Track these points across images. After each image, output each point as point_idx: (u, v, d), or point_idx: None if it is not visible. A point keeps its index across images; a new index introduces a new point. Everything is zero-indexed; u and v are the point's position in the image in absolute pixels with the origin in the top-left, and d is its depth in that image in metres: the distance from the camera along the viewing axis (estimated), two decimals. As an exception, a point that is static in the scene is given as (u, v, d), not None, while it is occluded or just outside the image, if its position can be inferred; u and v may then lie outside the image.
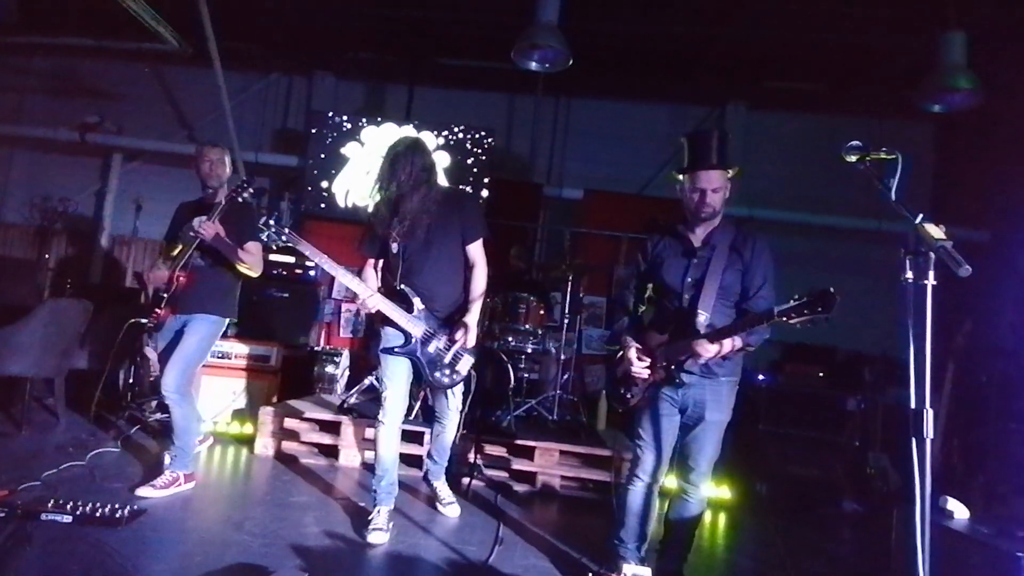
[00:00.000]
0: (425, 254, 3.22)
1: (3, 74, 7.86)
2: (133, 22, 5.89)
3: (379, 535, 3.10)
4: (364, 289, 3.19)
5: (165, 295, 3.48)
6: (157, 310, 3.49)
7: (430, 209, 3.19)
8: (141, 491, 3.33)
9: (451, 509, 3.62)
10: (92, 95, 7.93)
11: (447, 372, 3.26)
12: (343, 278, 3.23)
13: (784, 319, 2.19)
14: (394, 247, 3.20)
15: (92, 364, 5.17)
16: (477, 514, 3.64)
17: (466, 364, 3.28)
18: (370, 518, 3.19)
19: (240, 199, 3.61)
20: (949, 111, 5.74)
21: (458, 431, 3.71)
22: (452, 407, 3.50)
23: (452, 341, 3.20)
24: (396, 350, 3.23)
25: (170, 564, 2.65)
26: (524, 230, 7.32)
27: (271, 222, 3.26)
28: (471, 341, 3.24)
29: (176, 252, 3.59)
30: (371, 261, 3.35)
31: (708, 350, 2.42)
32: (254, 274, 3.72)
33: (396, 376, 3.26)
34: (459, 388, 3.43)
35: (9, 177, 8.15)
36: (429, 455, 3.72)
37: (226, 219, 3.54)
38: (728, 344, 2.43)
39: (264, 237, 3.28)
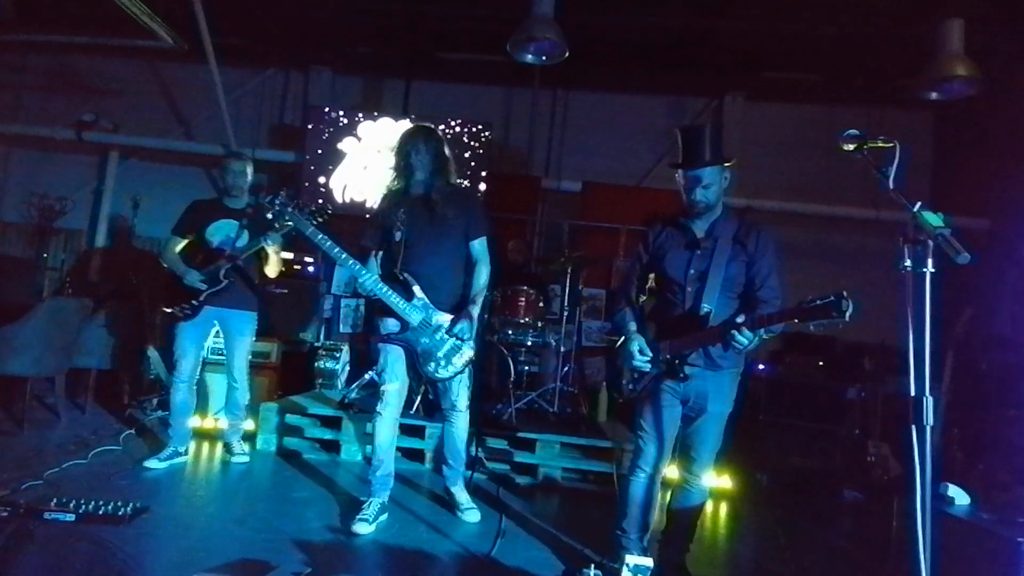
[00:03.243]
0: (428, 244, 3.21)
1: (-2, 72, 7.84)
2: (128, 19, 5.86)
3: (363, 526, 3.10)
4: (361, 270, 3.14)
5: (205, 288, 3.89)
6: (194, 301, 3.90)
7: (442, 199, 3.21)
8: (237, 458, 4.16)
9: (471, 515, 3.45)
10: (88, 93, 7.90)
11: (443, 364, 3.19)
12: (340, 258, 3.19)
13: (805, 319, 2.14)
14: (397, 235, 3.17)
15: (102, 363, 5.17)
16: (479, 507, 3.64)
17: (463, 358, 3.21)
18: (362, 508, 3.22)
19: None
20: (947, 100, 5.73)
21: (470, 431, 3.58)
22: (460, 406, 3.41)
23: (449, 333, 3.18)
24: (392, 337, 3.22)
25: (172, 561, 2.66)
26: (522, 223, 7.31)
27: (276, 202, 3.33)
28: (469, 335, 3.19)
29: (209, 252, 3.98)
30: (373, 252, 3.32)
31: (746, 337, 2.32)
32: (274, 276, 4.21)
33: (394, 366, 3.25)
34: (463, 385, 3.38)
35: (6, 176, 8.13)
36: (445, 461, 3.56)
37: (261, 230, 3.87)
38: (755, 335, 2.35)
39: (269, 215, 3.41)
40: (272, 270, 4.10)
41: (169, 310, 3.94)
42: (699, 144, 2.58)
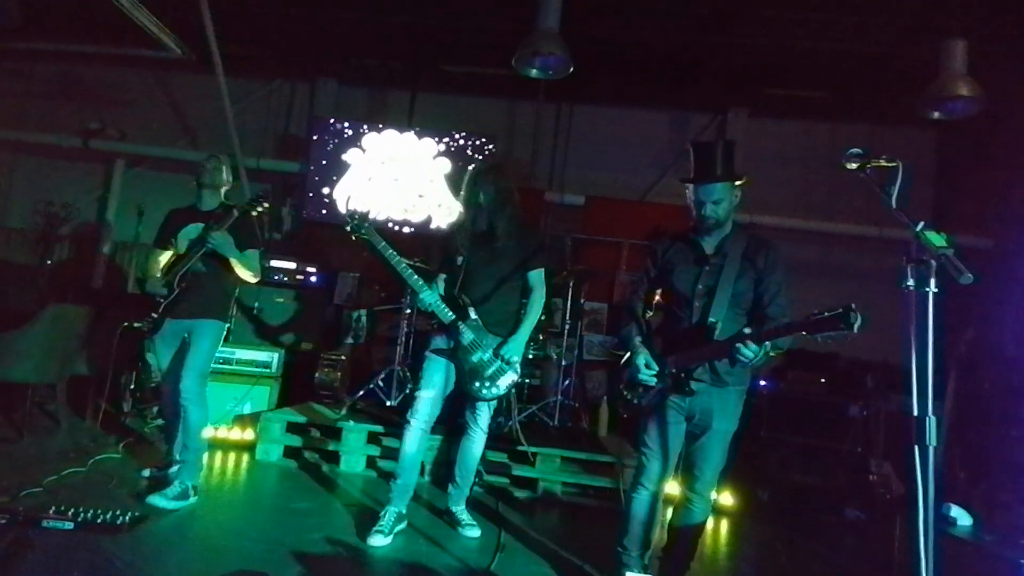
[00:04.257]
0: (487, 270, 3.38)
1: (6, 80, 7.88)
2: (136, 28, 5.91)
3: (379, 538, 3.13)
4: (423, 287, 3.32)
5: (163, 301, 3.59)
6: (154, 315, 3.61)
7: (507, 231, 3.38)
8: (153, 499, 3.29)
9: (471, 531, 3.47)
10: (95, 101, 7.94)
11: (487, 384, 3.33)
12: (405, 274, 3.31)
13: (814, 332, 2.16)
14: (459, 259, 3.38)
15: (93, 370, 5.16)
16: (479, 521, 3.62)
17: (507, 380, 3.36)
18: (378, 519, 3.24)
19: (255, 213, 3.67)
20: (950, 118, 5.75)
21: (483, 452, 3.67)
22: (481, 424, 3.51)
23: (496, 355, 3.32)
24: (442, 352, 3.38)
25: (171, 571, 2.65)
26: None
27: (358, 214, 3.40)
28: (515, 358, 3.35)
29: (175, 259, 3.64)
30: (438, 274, 3.54)
31: (752, 351, 2.33)
32: (253, 280, 3.78)
33: (434, 379, 3.38)
34: (491, 406, 3.51)
35: (12, 182, 8.16)
36: (453, 479, 3.63)
37: (225, 217, 3.58)
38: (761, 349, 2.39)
39: (347, 228, 3.38)
40: (244, 274, 3.71)
41: (138, 325, 3.82)
42: (711, 160, 2.59)
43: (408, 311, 5.31)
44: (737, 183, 2.63)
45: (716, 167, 2.58)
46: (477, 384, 3.33)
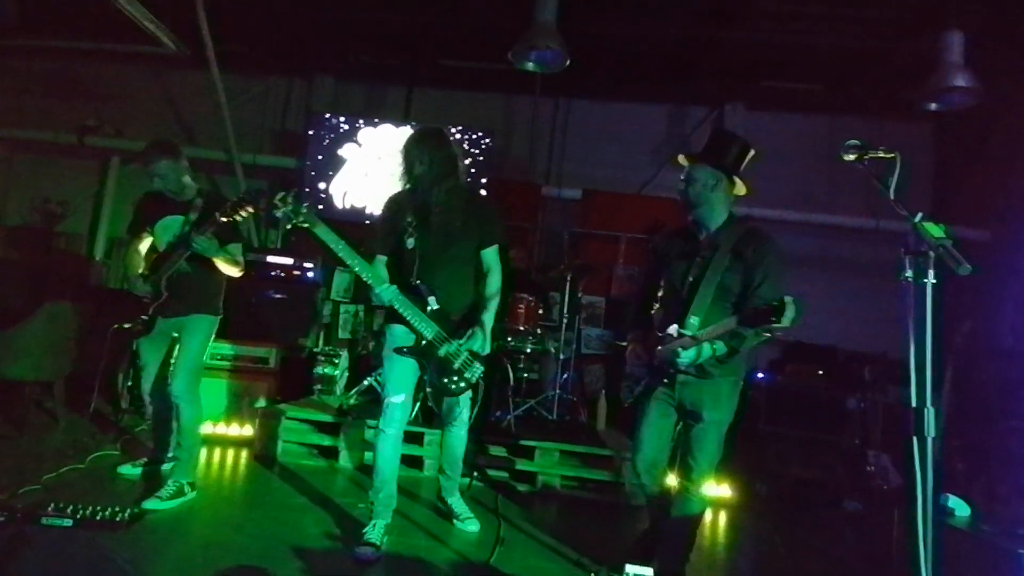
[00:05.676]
0: (442, 252, 3.08)
1: (2, 77, 7.85)
2: (131, 25, 5.89)
3: (369, 550, 2.91)
4: (378, 280, 2.99)
5: (150, 301, 3.46)
6: (143, 316, 3.48)
7: (453, 205, 3.05)
8: (148, 504, 3.19)
9: (469, 524, 3.40)
10: (90, 98, 7.91)
11: (454, 379, 3.08)
12: (357, 266, 2.99)
13: (751, 328, 2.24)
14: (409, 242, 3.04)
15: (90, 368, 5.15)
16: (478, 514, 3.62)
17: (475, 372, 3.11)
18: (364, 531, 3.01)
19: (237, 218, 3.37)
20: (948, 110, 5.75)
21: (470, 437, 3.49)
22: (457, 420, 3.32)
23: (463, 346, 3.07)
24: (405, 351, 3.06)
25: (170, 567, 2.65)
26: (523, 230, 7.32)
27: (289, 198, 3.01)
28: (484, 348, 3.11)
29: (158, 258, 3.55)
30: (381, 258, 3.14)
31: (680, 357, 2.50)
32: (237, 274, 3.63)
33: (402, 379, 3.09)
34: (468, 397, 3.28)
35: (8, 180, 8.14)
36: (441, 470, 3.52)
37: (208, 222, 3.41)
38: (707, 349, 2.48)
39: (279, 215, 3.03)
40: (228, 270, 3.57)
41: (128, 325, 3.70)
42: (708, 144, 2.73)
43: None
44: (724, 178, 2.67)
45: (712, 154, 2.64)
46: (445, 380, 3.08)
